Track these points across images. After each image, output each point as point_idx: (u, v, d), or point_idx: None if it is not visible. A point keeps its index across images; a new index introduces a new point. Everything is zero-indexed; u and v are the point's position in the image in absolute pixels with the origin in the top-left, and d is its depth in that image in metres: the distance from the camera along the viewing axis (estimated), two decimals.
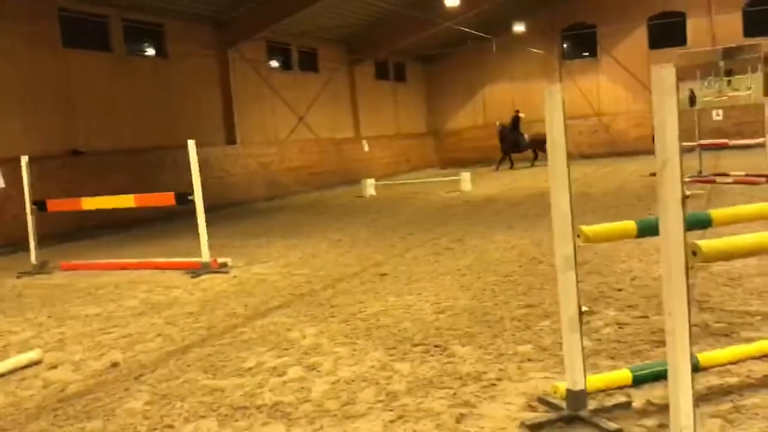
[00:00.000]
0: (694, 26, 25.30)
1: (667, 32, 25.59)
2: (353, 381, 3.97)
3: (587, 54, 27.48)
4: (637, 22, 25.87)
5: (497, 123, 24.43)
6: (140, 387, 4.17)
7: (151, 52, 16.55)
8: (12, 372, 4.64)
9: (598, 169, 19.94)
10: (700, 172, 13.98)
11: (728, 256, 2.70)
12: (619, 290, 5.56)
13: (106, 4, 14.49)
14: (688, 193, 10.57)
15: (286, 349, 4.70)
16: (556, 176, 3.19)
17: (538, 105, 26.72)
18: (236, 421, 3.53)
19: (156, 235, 12.32)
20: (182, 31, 16.59)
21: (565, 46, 27.82)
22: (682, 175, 2.53)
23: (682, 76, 25.58)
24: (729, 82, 25.25)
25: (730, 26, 24.67)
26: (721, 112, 23.54)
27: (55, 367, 4.73)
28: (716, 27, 24.79)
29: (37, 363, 4.81)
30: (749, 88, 24.73)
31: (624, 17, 25.69)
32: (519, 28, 25.55)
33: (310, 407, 3.63)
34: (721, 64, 25.17)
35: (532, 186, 16.27)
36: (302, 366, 4.32)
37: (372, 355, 4.42)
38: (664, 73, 2.50)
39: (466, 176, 17.11)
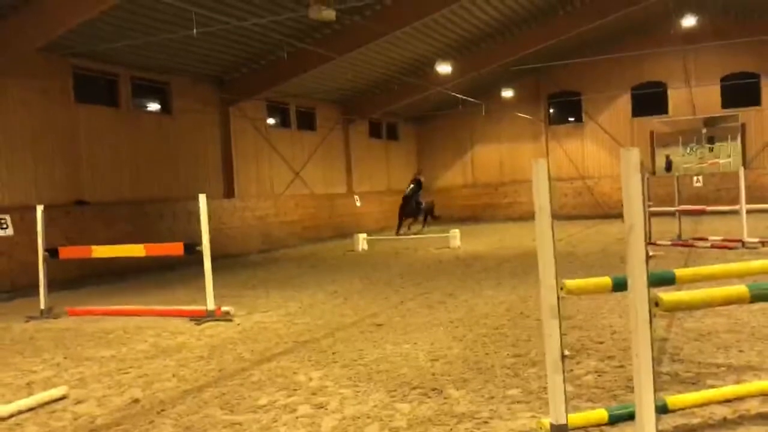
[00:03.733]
0: (674, 96, 26.48)
1: (649, 101, 26.75)
2: (359, 417, 4.40)
3: (573, 119, 28.55)
4: (620, 90, 27.04)
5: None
6: (164, 420, 4.57)
7: (156, 107, 17.23)
8: (41, 406, 5.01)
9: (583, 230, 20.59)
10: (680, 236, 14.62)
11: (686, 306, 3.22)
12: (600, 343, 6.04)
13: (117, 63, 15.21)
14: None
15: (295, 390, 5.11)
16: (542, 236, 3.71)
17: (525, 166, 27.66)
18: None
19: (154, 285, 12.67)
20: (186, 89, 17.32)
21: (551, 111, 28.90)
22: (645, 238, 3.07)
23: (663, 143, 26.70)
24: (711, 149, 26.32)
25: (708, 97, 25.86)
26: (701, 178, 24.48)
27: (80, 402, 5.11)
28: (696, 97, 25.97)
29: (63, 398, 5.18)
30: (729, 156, 25.79)
31: (608, 86, 26.88)
32: (507, 93, 26.66)
33: None
34: (704, 131, 26.29)
35: (519, 245, 16.84)
36: (311, 404, 4.74)
37: (374, 396, 4.84)
38: (630, 154, 3.07)
39: (455, 233, 17.66)
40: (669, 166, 26.20)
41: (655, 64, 25.81)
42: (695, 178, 24.41)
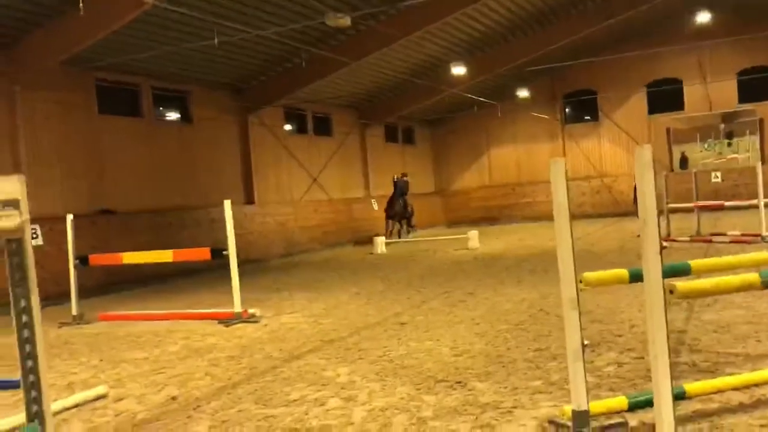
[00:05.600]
0: (690, 92, 26.42)
1: (665, 98, 26.71)
2: (387, 409, 4.59)
3: (589, 118, 28.56)
4: (635, 88, 27.02)
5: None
6: (201, 415, 4.79)
7: (176, 117, 17.57)
8: (83, 404, 5.25)
9: (601, 228, 20.63)
10: (698, 232, 14.66)
11: (700, 293, 3.38)
12: (620, 336, 6.18)
13: (138, 74, 15.55)
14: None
15: (324, 385, 5.31)
16: (561, 233, 3.88)
17: (542, 167, 27.68)
18: None
19: (179, 290, 12.93)
20: (206, 98, 17.64)
21: (567, 110, 28.95)
22: (664, 234, 3.23)
23: (680, 139, 26.66)
24: (729, 144, 26.25)
25: (724, 92, 25.78)
26: (719, 174, 24.40)
27: (120, 400, 5.35)
28: (712, 93, 25.90)
29: (103, 397, 5.42)
30: (747, 151, 25.71)
31: (623, 84, 26.87)
32: (523, 93, 26.73)
33: (353, 429, 4.24)
34: (722, 126, 26.22)
35: (538, 245, 16.94)
36: (340, 398, 4.93)
37: (401, 390, 5.03)
38: (644, 151, 3.24)
39: (473, 234, 17.80)
40: (684, 163, 26.14)
41: (669, 61, 25.77)
42: (713, 174, 24.34)
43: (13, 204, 2.30)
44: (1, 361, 7.27)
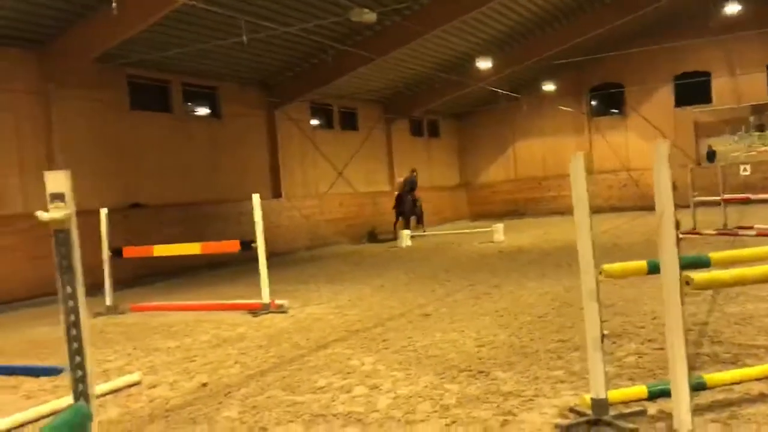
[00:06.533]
0: (718, 85, 26.05)
1: (692, 91, 26.36)
2: (411, 397, 4.72)
3: (615, 111, 28.33)
4: (663, 81, 26.72)
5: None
6: (231, 401, 4.97)
7: (205, 112, 17.85)
8: (118, 390, 5.47)
9: (628, 222, 20.51)
10: (725, 225, 14.55)
11: (717, 284, 3.45)
12: (641, 327, 6.24)
13: (169, 71, 15.83)
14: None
15: (350, 373, 5.46)
16: (581, 226, 3.97)
17: (568, 160, 27.44)
18: (318, 425, 4.30)
19: (207, 282, 13.18)
20: (234, 94, 17.89)
21: (593, 103, 28.74)
22: (676, 223, 3.31)
23: (707, 132, 26.32)
24: (760, 137, 25.85)
25: (754, 85, 25.36)
26: (749, 166, 24.05)
27: (154, 386, 5.56)
28: (741, 85, 25.51)
29: (137, 383, 5.63)
30: None
31: (650, 77, 26.58)
32: (548, 87, 26.58)
33: (378, 415, 4.39)
34: (752, 119, 25.83)
35: (563, 238, 16.91)
36: (366, 386, 5.08)
37: (425, 378, 5.16)
38: (661, 146, 3.32)
39: (498, 227, 17.84)
40: (711, 156, 25.81)
41: (697, 54, 25.41)
42: (742, 167, 23.99)
43: (60, 198, 2.48)
44: (40, 348, 7.57)
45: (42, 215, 2.40)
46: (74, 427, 2.04)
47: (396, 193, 21.86)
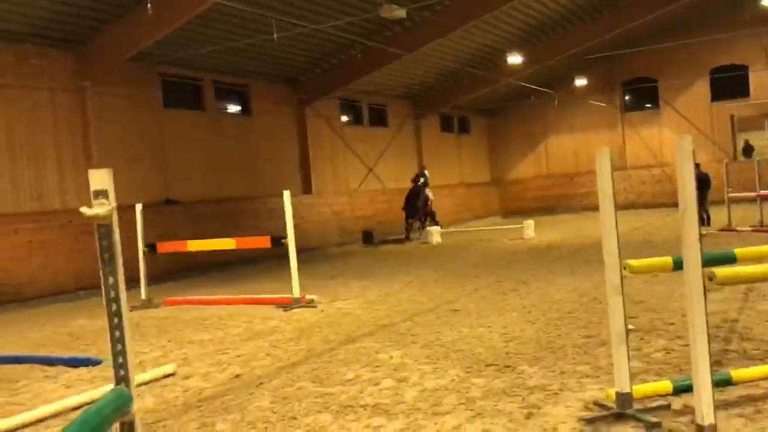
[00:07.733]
0: (756, 79, 25.54)
1: (729, 85, 25.88)
2: (438, 390, 4.80)
3: (649, 106, 27.95)
4: (698, 75, 26.28)
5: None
6: (262, 392, 5.11)
7: (236, 109, 18.11)
8: (153, 381, 5.65)
9: (662, 218, 20.27)
10: (761, 221, 14.32)
11: (741, 280, 3.47)
12: (671, 324, 6.23)
13: (201, 69, 16.10)
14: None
15: (378, 366, 5.56)
16: (605, 222, 4.00)
17: None
18: (346, 415, 4.41)
19: (239, 277, 13.39)
20: (264, 91, 18.11)
21: (626, 98, 28.39)
22: (700, 218, 3.33)
23: (745, 127, 25.82)
24: None
25: None
26: None
27: (188, 377, 5.72)
28: None
29: (172, 375, 5.80)
30: None
31: (685, 71, 26.15)
32: (580, 82, 26.31)
33: (404, 407, 4.48)
34: None
35: (594, 235, 16.74)
36: (393, 378, 5.17)
37: (451, 372, 5.23)
38: (684, 142, 3.34)
39: (529, 224, 17.78)
40: (748, 151, 25.31)
41: (733, 47, 24.95)
42: None
43: (104, 194, 2.61)
44: (79, 341, 7.82)
45: (86, 211, 2.55)
46: (117, 408, 2.17)
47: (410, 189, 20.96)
